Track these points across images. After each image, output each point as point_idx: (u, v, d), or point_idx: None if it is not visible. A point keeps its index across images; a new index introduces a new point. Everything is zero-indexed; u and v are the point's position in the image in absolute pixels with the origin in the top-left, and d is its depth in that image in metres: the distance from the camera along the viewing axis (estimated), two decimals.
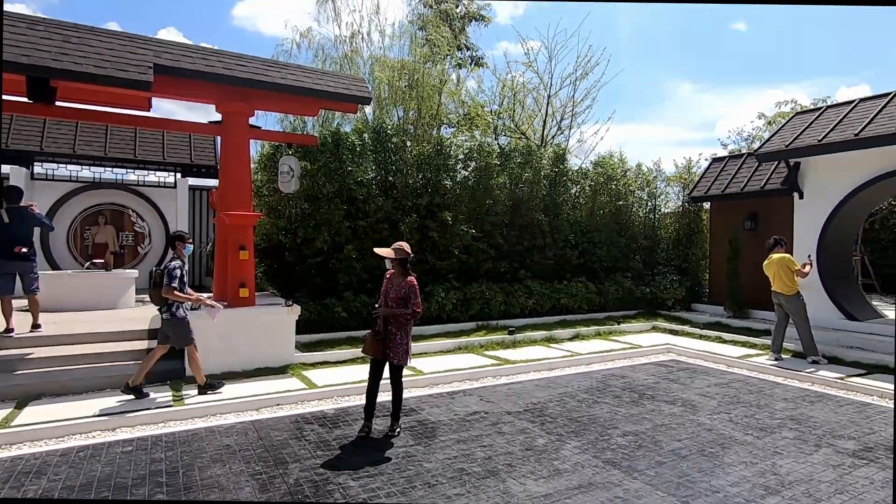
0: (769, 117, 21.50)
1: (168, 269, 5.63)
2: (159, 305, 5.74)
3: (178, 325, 5.76)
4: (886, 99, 8.83)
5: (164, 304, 5.69)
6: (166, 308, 5.71)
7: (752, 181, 10.72)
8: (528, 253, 11.11)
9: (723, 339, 9.34)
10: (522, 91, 14.71)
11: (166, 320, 5.74)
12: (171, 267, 5.63)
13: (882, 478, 4.01)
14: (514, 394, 6.29)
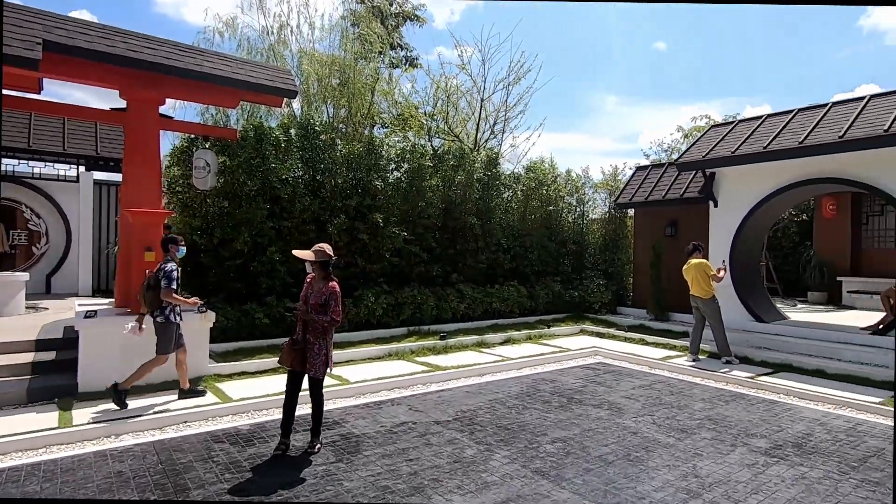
0: (686, 130, 22.86)
1: (165, 271, 5.51)
2: (152, 309, 5.55)
3: (166, 330, 5.57)
4: (789, 116, 9.53)
5: (157, 308, 5.53)
6: (160, 311, 5.55)
7: (672, 189, 11.23)
8: (461, 256, 11.03)
9: (646, 342, 9.67)
10: (456, 93, 14.68)
11: (160, 324, 5.56)
12: (167, 269, 5.51)
13: (791, 475, 4.17)
14: (444, 402, 6.11)
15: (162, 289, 5.46)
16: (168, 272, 5.53)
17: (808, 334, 8.72)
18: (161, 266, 5.58)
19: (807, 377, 7.21)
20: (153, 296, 5.50)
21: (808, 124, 8.80)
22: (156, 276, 5.54)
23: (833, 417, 5.69)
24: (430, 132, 13.35)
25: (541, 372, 7.67)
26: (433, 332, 9.47)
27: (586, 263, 13.55)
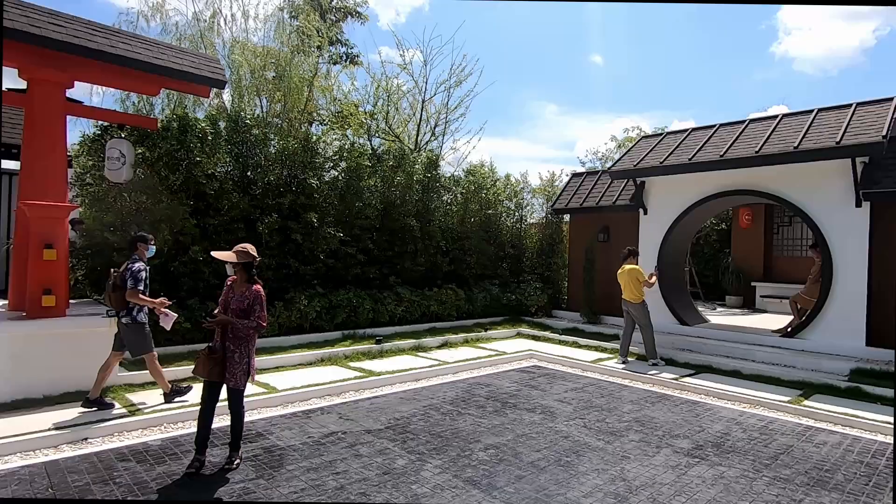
0: (619, 140, 23.85)
1: (132, 270, 5.33)
2: (119, 309, 5.39)
3: (137, 332, 5.46)
4: (712, 130, 10.08)
5: (123, 308, 5.37)
6: (126, 312, 5.40)
7: (605, 196, 11.60)
8: (399, 259, 10.85)
9: (579, 345, 9.89)
10: (397, 93, 14.48)
11: (126, 325, 5.41)
12: (134, 269, 5.35)
13: (711, 475, 4.32)
14: (377, 409, 5.91)
15: (128, 289, 5.28)
16: (135, 272, 5.34)
17: (726, 337, 9.23)
18: (128, 265, 5.38)
19: (725, 378, 7.60)
20: (119, 296, 5.32)
21: (728, 139, 9.34)
22: (122, 275, 5.34)
23: (748, 416, 6.00)
24: (370, 131, 13.08)
25: (477, 376, 7.64)
26: (369, 336, 9.23)
27: (524, 267, 13.74)
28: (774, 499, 3.93)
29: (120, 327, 5.46)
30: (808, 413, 6.05)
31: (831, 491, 4.08)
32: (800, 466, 4.55)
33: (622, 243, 11.01)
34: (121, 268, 5.45)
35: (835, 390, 6.87)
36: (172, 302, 6.25)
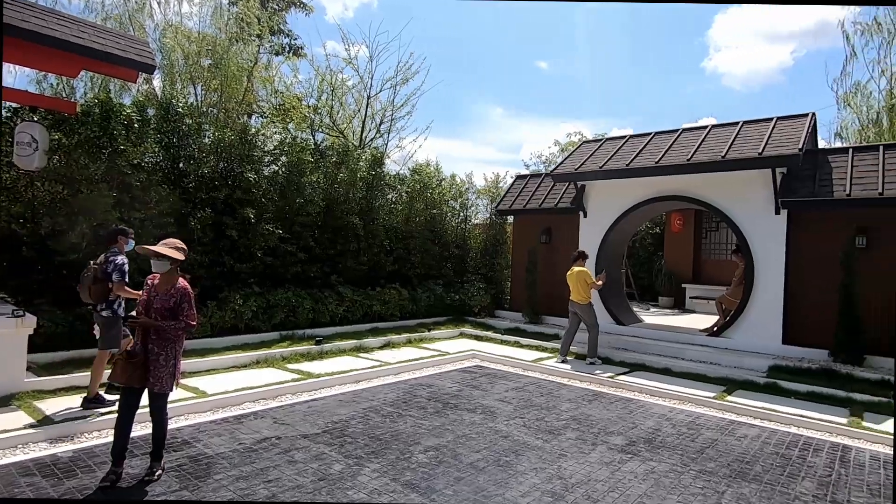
0: (562, 145, 24.51)
1: (116, 263, 5.29)
2: (98, 302, 5.31)
3: (114, 325, 5.39)
4: (648, 138, 10.51)
5: (103, 301, 5.31)
6: (106, 305, 5.34)
7: (548, 199, 11.84)
8: (342, 257, 10.61)
9: (520, 344, 10.03)
10: (342, 88, 14.18)
11: (105, 318, 5.35)
12: (119, 262, 5.30)
13: (643, 470, 4.47)
14: (314, 412, 5.72)
15: (115, 282, 5.26)
16: (120, 265, 5.32)
17: (658, 336, 9.64)
18: (110, 259, 5.32)
19: (657, 375, 7.93)
20: (100, 289, 5.28)
21: (662, 147, 9.76)
22: (104, 268, 5.28)
23: (677, 412, 6.28)
24: (313, 126, 12.72)
25: (419, 377, 7.57)
26: (309, 337, 8.96)
27: (468, 267, 13.81)
28: (700, 491, 4.11)
29: (97, 319, 5.41)
30: (730, 408, 6.40)
31: (751, 482, 4.31)
32: (723, 459, 4.79)
33: (563, 245, 11.30)
34: (97, 261, 5.38)
35: (755, 386, 7.32)
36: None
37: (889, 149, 8.32)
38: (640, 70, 45.92)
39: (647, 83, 45.70)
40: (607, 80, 46.84)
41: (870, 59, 16.44)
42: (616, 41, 46.19)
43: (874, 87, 16.23)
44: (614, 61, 46.86)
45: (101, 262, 5.32)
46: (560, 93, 47.03)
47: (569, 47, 48.29)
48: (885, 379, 7.15)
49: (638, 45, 45.69)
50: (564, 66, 47.43)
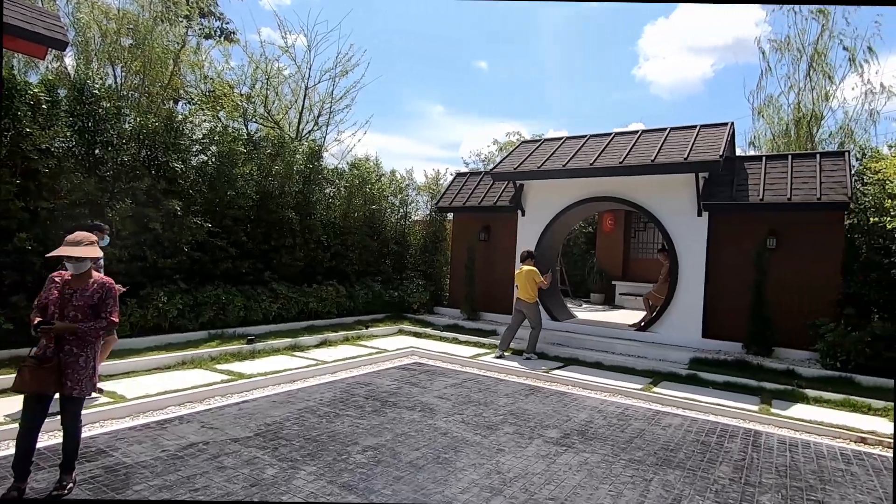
0: (501, 144, 24.94)
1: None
2: None
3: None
4: (583, 140, 10.88)
5: None
6: None
7: (487, 197, 11.99)
8: (276, 253, 10.22)
9: (459, 340, 10.10)
10: (278, 77, 13.65)
11: None
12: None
13: (577, 462, 4.61)
14: (245, 415, 5.46)
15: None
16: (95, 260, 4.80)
17: (591, 331, 10.03)
18: None
19: (589, 369, 8.23)
20: None
21: (597, 149, 10.14)
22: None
23: (608, 404, 6.54)
24: (246, 115, 12.16)
25: (357, 375, 7.43)
26: (240, 336, 8.57)
27: (407, 264, 13.74)
28: (630, 480, 4.29)
29: None
30: (656, 399, 6.76)
31: (675, 468, 4.56)
32: (650, 448, 5.03)
33: (502, 243, 11.49)
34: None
35: (678, 377, 7.77)
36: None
37: (796, 158, 9.08)
38: (576, 74, 47.56)
39: (582, 87, 47.43)
40: (544, 83, 48.17)
41: (781, 74, 17.90)
42: (553, 45, 47.56)
43: (784, 101, 17.66)
44: (551, 64, 48.24)
45: None
46: (499, 93, 47.83)
47: (508, 48, 49.19)
48: (790, 369, 7.80)
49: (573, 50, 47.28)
50: (503, 68, 48.27)
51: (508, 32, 48.71)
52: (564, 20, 47.49)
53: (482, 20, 51.22)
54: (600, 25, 46.41)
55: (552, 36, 46.77)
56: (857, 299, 8.02)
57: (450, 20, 48.54)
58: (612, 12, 47.97)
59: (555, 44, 47.26)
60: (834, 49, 17.15)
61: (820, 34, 17.26)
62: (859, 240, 8.37)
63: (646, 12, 47.85)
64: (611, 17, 48.22)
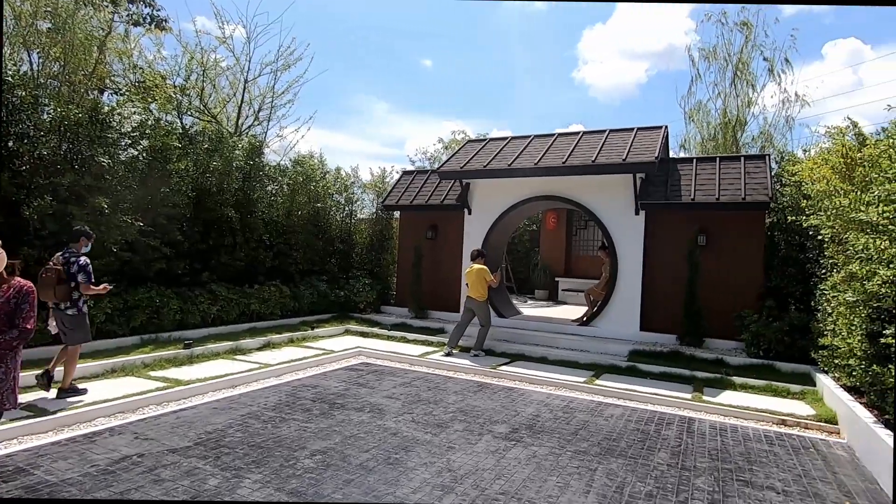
0: (446, 142, 25.04)
1: (80, 264, 5.59)
2: (63, 301, 5.57)
3: (81, 321, 5.72)
4: (528, 140, 11.11)
5: (68, 300, 5.58)
6: (72, 304, 5.62)
7: (434, 195, 12.00)
8: (215, 253, 9.78)
9: (407, 339, 10.06)
10: (215, 69, 13.03)
11: (71, 316, 5.62)
12: (82, 263, 5.61)
13: (525, 455, 4.71)
14: (184, 423, 5.20)
15: (82, 283, 5.59)
16: (84, 266, 5.61)
17: (536, 327, 10.26)
18: (73, 259, 5.59)
19: (535, 364, 8.43)
20: (65, 289, 5.52)
21: (541, 149, 10.38)
22: (66, 269, 5.54)
23: (554, 398, 6.72)
24: (181, 108, 11.53)
25: (303, 377, 7.24)
26: (176, 341, 8.14)
27: (353, 263, 13.54)
28: (576, 470, 4.43)
29: (61, 318, 5.62)
30: (599, 391, 7.01)
31: (618, 457, 4.75)
32: (594, 439, 5.22)
33: (449, 241, 11.55)
34: (55, 261, 5.59)
35: (618, 369, 8.10)
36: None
37: (724, 160, 9.68)
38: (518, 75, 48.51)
39: (524, 88, 48.43)
40: (488, 83, 48.81)
41: (710, 81, 19.02)
42: (496, 46, 48.27)
43: (713, 107, 18.77)
44: (494, 65, 48.95)
45: (62, 263, 5.56)
46: (443, 91, 48.03)
47: (453, 48, 49.47)
48: (720, 358, 8.31)
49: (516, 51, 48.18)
50: (448, 66, 48.50)
51: (453, 31, 49.01)
52: (507, 21, 48.31)
53: (428, 18, 51.25)
54: (542, 28, 47.55)
55: (496, 37, 47.47)
56: (777, 292, 8.65)
57: (395, 16, 48.19)
58: (553, 15, 49.33)
59: (498, 44, 47.99)
60: (756, 59, 18.45)
61: (744, 45, 18.52)
62: (779, 237, 9.02)
63: (585, 17, 49.54)
64: (551, 20, 49.53)
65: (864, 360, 5.19)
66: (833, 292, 5.98)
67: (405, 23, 47.84)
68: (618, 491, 4.07)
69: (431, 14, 51.24)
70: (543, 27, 47.69)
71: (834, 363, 6.28)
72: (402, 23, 48.02)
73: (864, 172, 5.51)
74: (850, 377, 5.72)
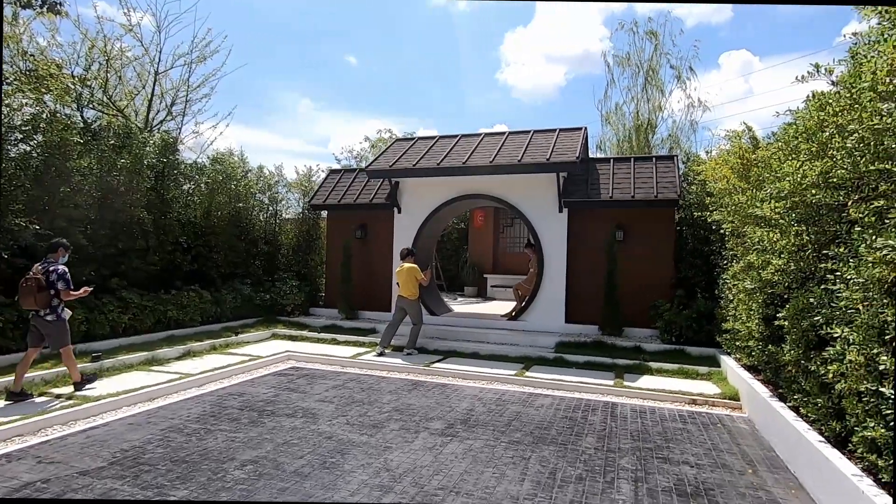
0: (372, 141, 24.77)
1: (59, 273, 5.96)
2: (42, 308, 5.86)
3: (61, 327, 6.03)
4: (455, 140, 11.25)
5: (48, 307, 5.88)
6: (51, 310, 5.92)
7: (362, 194, 11.86)
8: (125, 257, 9.08)
9: (337, 341, 9.87)
10: (121, 59, 12.06)
11: (50, 322, 5.93)
12: (61, 271, 5.99)
13: (462, 449, 4.79)
14: (95, 443, 4.79)
15: (62, 290, 5.94)
16: (62, 274, 5.99)
17: (467, 323, 10.44)
18: (51, 268, 5.94)
19: (467, 360, 8.57)
20: (44, 297, 5.83)
21: (469, 148, 10.55)
22: (46, 278, 5.85)
23: (487, 392, 6.88)
24: (81, 100, 10.57)
25: (228, 386, 6.90)
26: (82, 354, 7.45)
27: (279, 265, 13.08)
28: (511, 460, 4.57)
29: (41, 324, 5.93)
30: (529, 382, 7.26)
31: (549, 445, 4.95)
32: (526, 429, 5.40)
33: (378, 240, 11.46)
34: (35, 271, 5.90)
35: (546, 361, 8.42)
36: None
37: (637, 161, 10.33)
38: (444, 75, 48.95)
39: (450, 88, 48.97)
40: (414, 82, 48.86)
41: (624, 86, 20.20)
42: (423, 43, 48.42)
43: (627, 110, 19.93)
44: (421, 64, 49.09)
45: (41, 272, 5.88)
46: (369, 89, 47.49)
47: (378, 45, 49.00)
48: (638, 346, 8.88)
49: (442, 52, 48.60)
50: (373, 64, 48.00)
51: (378, 29, 48.55)
52: (433, 21, 48.59)
53: (352, 15, 50.37)
54: (466, 30, 48.27)
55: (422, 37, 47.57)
56: (687, 282, 9.37)
57: (318, 12, 46.97)
58: (476, 17, 50.23)
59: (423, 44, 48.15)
60: (664, 67, 19.84)
61: (653, 53, 19.85)
62: (686, 232, 9.78)
63: (507, 20, 50.88)
64: (475, 22, 50.41)
65: (760, 341, 5.75)
66: (734, 281, 6.57)
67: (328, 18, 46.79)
68: (550, 476, 4.24)
69: (355, 10, 50.46)
70: (468, 29, 48.45)
71: (735, 345, 6.90)
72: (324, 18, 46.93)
73: (758, 172, 6.10)
74: (749, 357, 6.32)
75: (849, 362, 3.41)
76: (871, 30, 3.72)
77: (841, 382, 3.58)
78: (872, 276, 3.14)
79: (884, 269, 3.01)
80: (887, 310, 2.96)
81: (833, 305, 3.84)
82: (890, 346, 3.02)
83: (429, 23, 50.09)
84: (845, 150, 3.73)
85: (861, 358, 3.27)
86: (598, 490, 4.03)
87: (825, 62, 4.04)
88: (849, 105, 3.74)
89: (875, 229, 3.32)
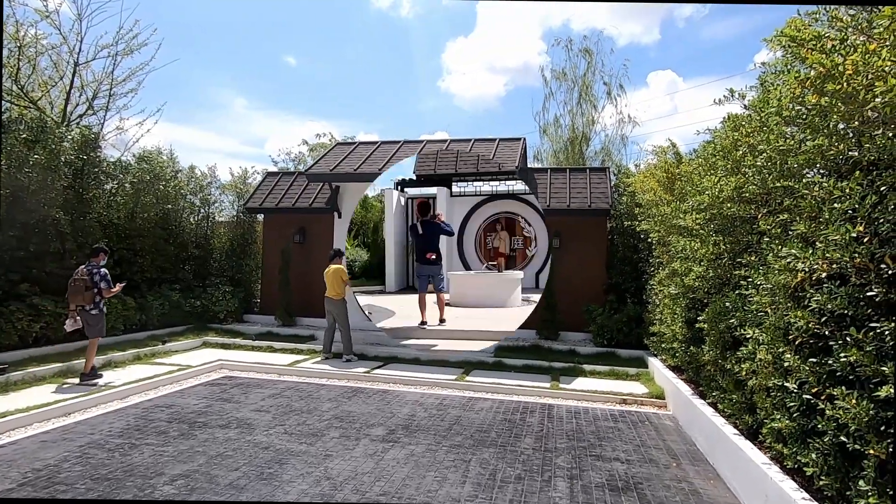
0: (311, 144, 24.29)
1: (101, 274, 7.03)
2: (88, 304, 6.84)
3: (101, 319, 7.05)
4: (398, 145, 11.27)
5: (92, 303, 6.87)
6: (94, 305, 6.93)
7: (301, 198, 11.59)
8: (38, 261, 8.37)
9: (274, 349, 9.57)
10: (35, 46, 11.16)
11: (94, 315, 6.94)
12: (104, 273, 7.07)
13: (403, 455, 4.79)
14: (3, 463, 4.39)
15: (104, 289, 7.03)
16: (105, 275, 7.07)
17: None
18: (96, 270, 6.99)
19: (408, 365, 8.57)
20: (90, 295, 6.84)
21: (411, 154, 10.60)
22: (91, 278, 6.89)
23: (428, 397, 6.92)
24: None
25: (154, 398, 6.53)
26: None
27: (211, 269, 12.49)
28: (452, 463, 4.63)
29: (87, 317, 6.86)
30: (469, 387, 7.37)
31: (489, 447, 5.06)
32: (467, 432, 5.49)
33: (318, 245, 11.24)
34: (81, 272, 6.87)
35: (486, 365, 8.57)
36: None
37: (573, 171, 10.79)
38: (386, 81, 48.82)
39: (392, 94, 48.89)
40: (355, 85, 48.39)
41: (560, 99, 21.00)
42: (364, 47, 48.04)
43: (563, 122, 20.72)
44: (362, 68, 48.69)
45: (87, 274, 6.87)
46: (308, 91, 46.53)
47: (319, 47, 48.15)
48: (573, 349, 9.24)
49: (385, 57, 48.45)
50: (313, 65, 47.11)
51: (319, 30, 47.73)
52: (375, 26, 48.37)
53: (292, 13, 49.23)
54: (409, 37, 48.44)
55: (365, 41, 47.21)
56: (617, 288, 9.85)
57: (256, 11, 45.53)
58: (419, 26, 50.52)
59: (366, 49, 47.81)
60: (597, 83, 20.83)
61: (587, 70, 20.79)
62: (617, 240, 10.29)
63: (449, 29, 51.55)
64: (418, 29, 50.68)
65: (683, 342, 6.16)
66: (659, 286, 7.01)
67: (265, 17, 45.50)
68: (491, 478, 4.34)
69: (295, 8, 49.37)
70: (411, 36, 48.63)
71: (661, 347, 7.34)
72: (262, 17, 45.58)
73: (682, 186, 6.55)
74: (673, 358, 6.75)
75: (759, 360, 3.74)
76: (776, 60, 4.12)
77: (752, 379, 3.92)
78: (778, 282, 3.47)
79: (788, 276, 3.34)
80: (791, 312, 3.28)
81: (746, 309, 4.20)
82: (793, 346, 3.35)
83: (372, 27, 49.86)
84: (755, 167, 4.11)
85: (769, 356, 3.61)
86: (537, 489, 4.17)
87: (739, 87, 4.45)
88: (758, 127, 4.13)
89: (780, 240, 3.68)
